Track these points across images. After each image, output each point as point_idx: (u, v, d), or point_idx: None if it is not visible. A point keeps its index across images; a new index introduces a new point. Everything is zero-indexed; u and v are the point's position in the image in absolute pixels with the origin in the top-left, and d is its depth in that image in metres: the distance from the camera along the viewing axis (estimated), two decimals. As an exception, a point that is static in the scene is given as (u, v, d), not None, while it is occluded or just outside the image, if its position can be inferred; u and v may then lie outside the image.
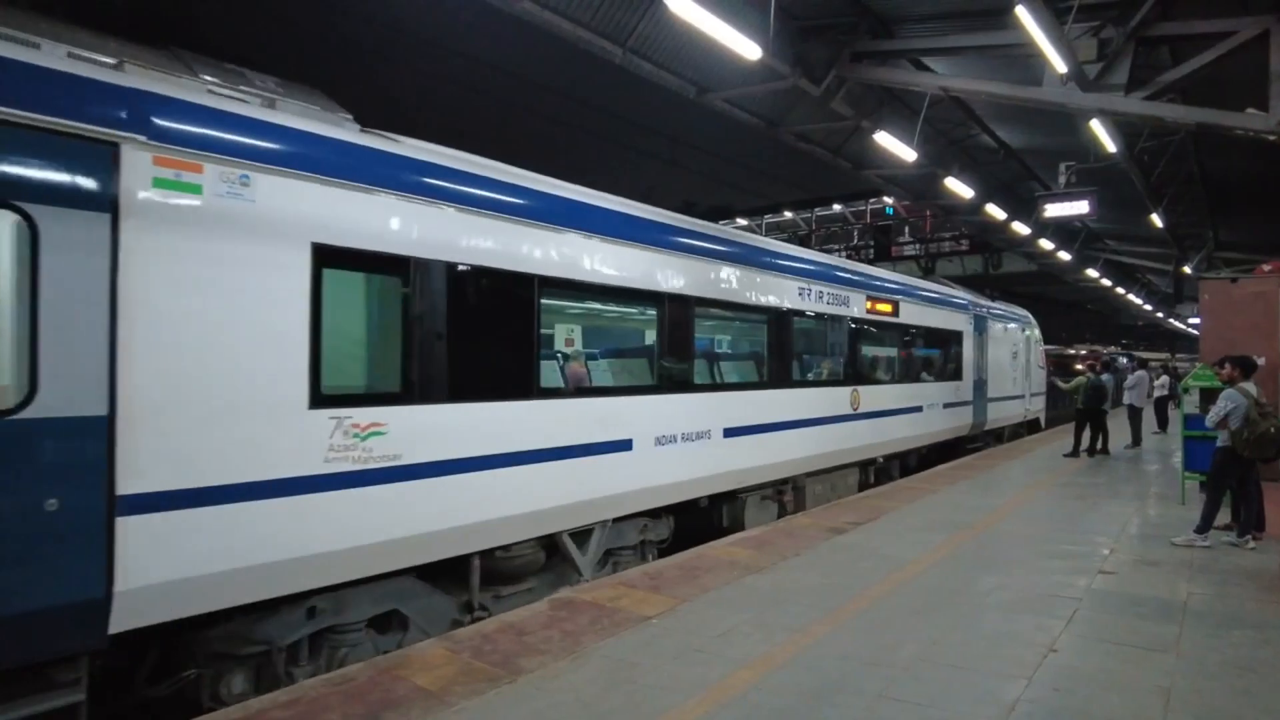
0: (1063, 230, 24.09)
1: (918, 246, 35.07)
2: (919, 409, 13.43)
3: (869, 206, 35.12)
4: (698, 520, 8.74)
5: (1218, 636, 5.24)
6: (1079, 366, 28.26)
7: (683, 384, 7.91)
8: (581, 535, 6.90)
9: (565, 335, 8.03)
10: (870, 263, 24.99)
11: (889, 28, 11.49)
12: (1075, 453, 15.08)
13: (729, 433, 8.48)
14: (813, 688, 4.37)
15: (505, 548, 6.15)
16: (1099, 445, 15.25)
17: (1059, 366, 39.21)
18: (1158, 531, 8.51)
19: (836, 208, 36.31)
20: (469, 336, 5.75)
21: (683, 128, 17.26)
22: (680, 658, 4.82)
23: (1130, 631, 5.33)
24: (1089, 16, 9.98)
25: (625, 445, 7.08)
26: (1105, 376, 16.00)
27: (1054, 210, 14.68)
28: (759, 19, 9.45)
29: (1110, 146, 12.87)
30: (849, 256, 30.65)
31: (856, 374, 11.36)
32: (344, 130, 5.21)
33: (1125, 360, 37.04)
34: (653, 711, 4.09)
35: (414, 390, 5.35)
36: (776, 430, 9.33)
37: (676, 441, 7.70)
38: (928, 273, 33.72)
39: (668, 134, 17.94)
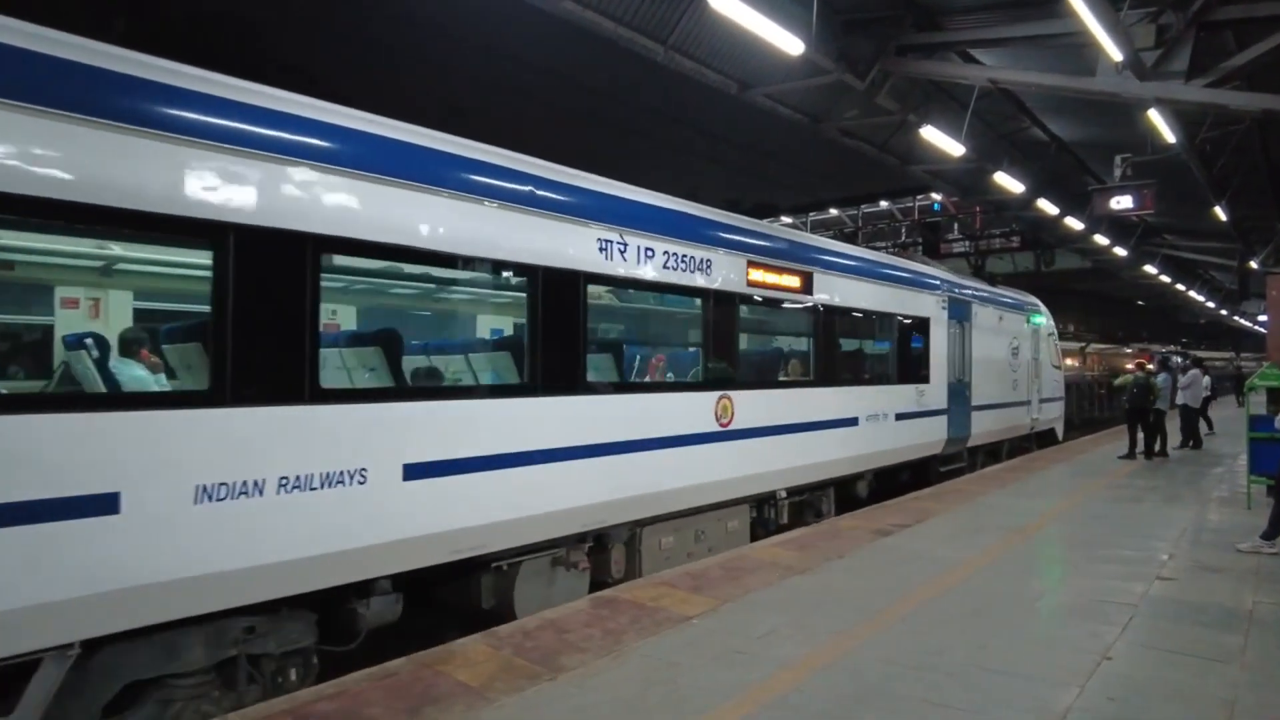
0: (1118, 225, 23.35)
1: (967, 244, 34.35)
2: (852, 422, 9.83)
3: (916, 203, 34.51)
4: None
5: (1285, 647, 5.01)
6: (1129, 366, 27.36)
7: (284, 390, 4.50)
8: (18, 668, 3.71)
9: None
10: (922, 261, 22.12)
11: (935, 19, 11.27)
12: (1130, 454, 14.62)
13: (420, 471, 5.11)
14: (855, 691, 4.30)
15: None
16: (1156, 447, 14.76)
17: (1110, 368, 38.13)
18: (1220, 537, 8.18)
19: (883, 204, 35.79)
20: None
21: (724, 125, 17.18)
22: (721, 658, 4.78)
23: (1190, 640, 5.12)
24: (1146, 2, 9.66)
25: (105, 504, 3.80)
26: (1162, 377, 15.42)
27: (1109, 205, 14.20)
28: (801, 13, 9.35)
29: (1169, 137, 12.42)
30: (895, 253, 29.97)
31: (726, 374, 7.85)
32: None
33: (1179, 359, 35.93)
34: (692, 712, 4.06)
35: None
36: (550, 461, 5.97)
37: (259, 493, 4.32)
38: (978, 271, 32.93)
39: (709, 131, 17.87)
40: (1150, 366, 15.96)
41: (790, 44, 8.89)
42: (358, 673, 4.62)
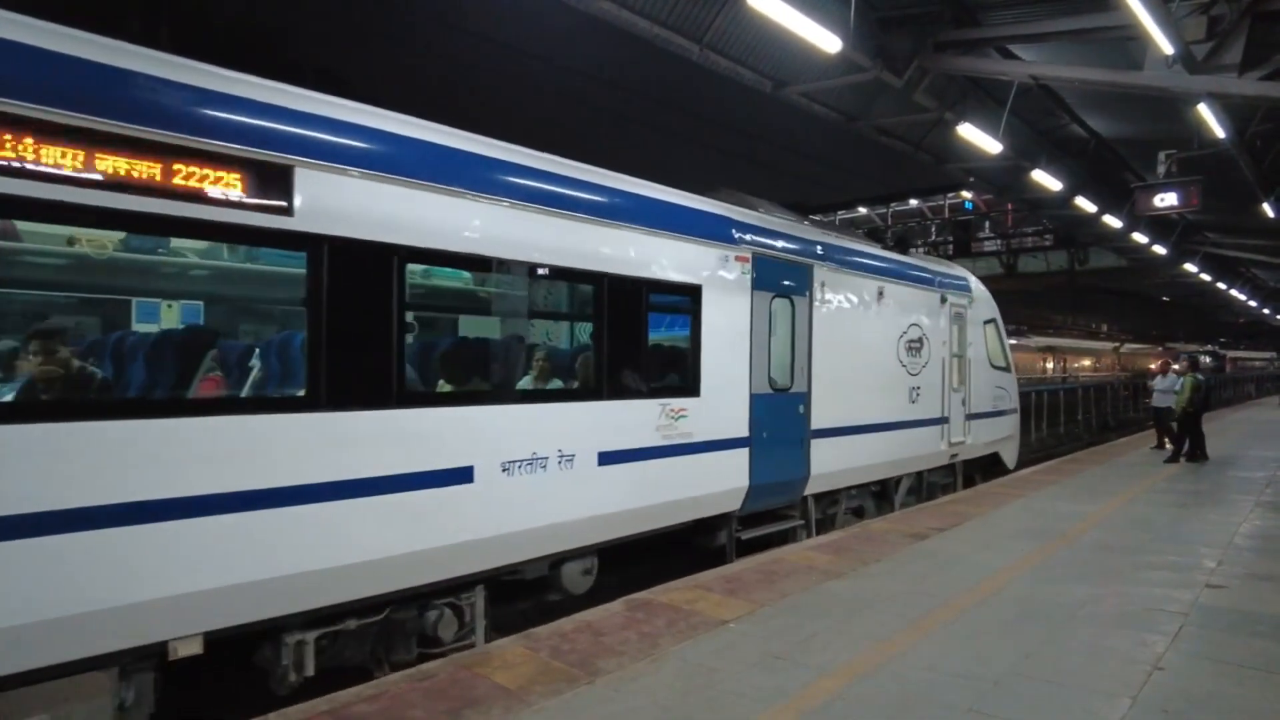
0: (1158, 223, 22.83)
1: (999, 242, 33.94)
2: (457, 477, 5.10)
3: (947, 201, 34.10)
4: None
5: (1347, 661, 4.84)
6: (1151, 366, 26.65)
7: None
8: None
9: None
10: (950, 260, 16.45)
11: (974, 15, 11.07)
12: (1175, 458, 14.28)
13: None
14: (899, 700, 4.22)
15: None
16: (1198, 451, 14.40)
17: (1136, 370, 37.28)
18: (1271, 543, 7.95)
19: (913, 203, 35.43)
20: None
21: (756, 123, 17.06)
22: (760, 664, 4.72)
23: (1246, 651, 4.96)
24: (1197, -7, 9.41)
25: None
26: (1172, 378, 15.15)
27: (1153, 202, 13.83)
28: (839, 10, 9.23)
29: (1219, 132, 12.07)
30: (927, 253, 29.37)
31: None
32: None
33: (1209, 359, 35.22)
34: (734, 719, 4.01)
35: None
36: None
37: None
38: (1010, 270, 32.38)
39: (744, 130, 17.75)
40: (1176, 366, 15.57)
41: (828, 41, 8.77)
42: (397, 674, 4.63)
